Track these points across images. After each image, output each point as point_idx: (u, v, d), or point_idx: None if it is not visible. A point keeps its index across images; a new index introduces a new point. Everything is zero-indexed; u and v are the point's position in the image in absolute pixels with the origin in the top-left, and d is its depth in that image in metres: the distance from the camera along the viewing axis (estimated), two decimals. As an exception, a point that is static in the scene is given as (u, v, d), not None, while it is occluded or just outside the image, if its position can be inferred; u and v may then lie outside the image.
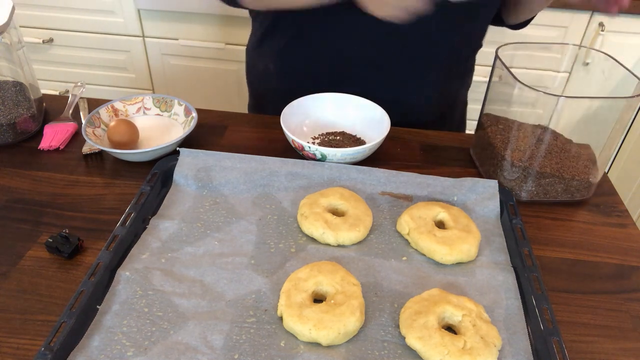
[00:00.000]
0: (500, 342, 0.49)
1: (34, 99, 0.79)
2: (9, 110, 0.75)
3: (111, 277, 0.55)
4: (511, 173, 0.70)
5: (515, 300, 0.55)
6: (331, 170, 0.69)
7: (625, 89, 0.66)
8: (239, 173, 0.68)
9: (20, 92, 0.78)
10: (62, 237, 0.59)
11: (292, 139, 0.71)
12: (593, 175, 0.70)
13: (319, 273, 0.54)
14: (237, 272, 0.57)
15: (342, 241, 0.61)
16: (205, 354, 0.48)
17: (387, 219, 0.65)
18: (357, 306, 0.51)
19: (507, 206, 0.66)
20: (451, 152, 0.80)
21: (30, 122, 0.78)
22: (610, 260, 0.63)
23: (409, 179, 0.69)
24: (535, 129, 0.68)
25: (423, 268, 0.59)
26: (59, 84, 1.75)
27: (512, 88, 0.66)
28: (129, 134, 0.74)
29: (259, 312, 0.53)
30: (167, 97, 0.82)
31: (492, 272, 0.58)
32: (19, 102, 0.77)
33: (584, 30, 1.50)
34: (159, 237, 0.60)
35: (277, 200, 0.67)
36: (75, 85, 0.88)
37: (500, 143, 0.71)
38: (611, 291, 0.59)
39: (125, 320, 0.51)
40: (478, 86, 1.64)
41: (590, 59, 0.72)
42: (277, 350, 0.49)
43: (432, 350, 0.48)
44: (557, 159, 0.70)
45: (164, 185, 0.68)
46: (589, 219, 0.69)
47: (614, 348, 0.53)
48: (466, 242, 0.59)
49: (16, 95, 0.77)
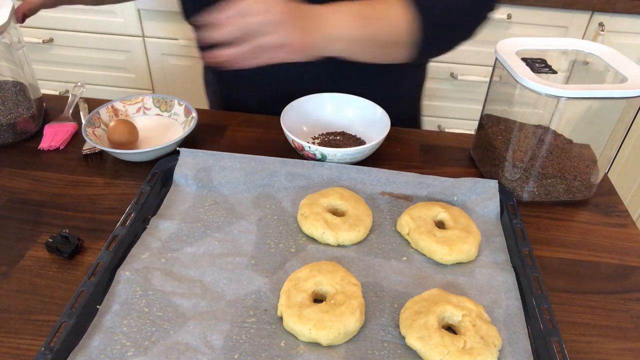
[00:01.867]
0: (500, 342, 0.49)
1: (34, 99, 0.79)
2: (8, 110, 0.76)
3: (111, 277, 0.55)
4: (512, 174, 0.70)
5: (515, 300, 0.55)
6: (331, 170, 0.69)
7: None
8: (239, 173, 0.68)
9: (20, 92, 0.78)
10: (62, 237, 0.59)
11: (292, 139, 0.71)
12: (594, 176, 0.70)
13: (319, 273, 0.54)
14: (237, 272, 0.57)
15: (342, 241, 0.61)
16: (205, 354, 0.48)
17: (387, 219, 0.65)
18: (357, 306, 0.51)
19: (507, 206, 0.66)
20: (451, 152, 0.80)
21: (30, 122, 0.78)
22: (610, 260, 0.63)
23: (409, 179, 0.69)
24: (536, 129, 0.68)
25: (423, 268, 0.59)
26: (59, 84, 1.75)
27: (513, 88, 0.66)
28: (128, 134, 0.74)
29: (259, 312, 0.53)
30: (167, 97, 0.82)
31: (492, 272, 0.58)
32: (19, 102, 0.77)
33: (584, 30, 1.50)
34: (159, 237, 0.60)
35: (277, 200, 0.67)
36: (75, 85, 0.88)
37: (501, 144, 0.71)
38: (611, 291, 0.59)
39: (125, 320, 0.51)
40: (478, 86, 1.65)
41: (591, 59, 0.72)
42: (277, 350, 0.49)
43: (432, 350, 0.48)
44: (558, 159, 0.70)
45: (164, 185, 0.68)
46: (589, 219, 0.69)
47: (614, 348, 0.53)
48: (466, 242, 0.59)
49: (16, 95, 0.77)
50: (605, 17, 1.46)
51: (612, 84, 0.67)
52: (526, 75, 0.63)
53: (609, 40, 1.50)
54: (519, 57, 0.68)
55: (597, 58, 0.70)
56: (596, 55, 0.70)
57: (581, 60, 0.73)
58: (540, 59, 0.69)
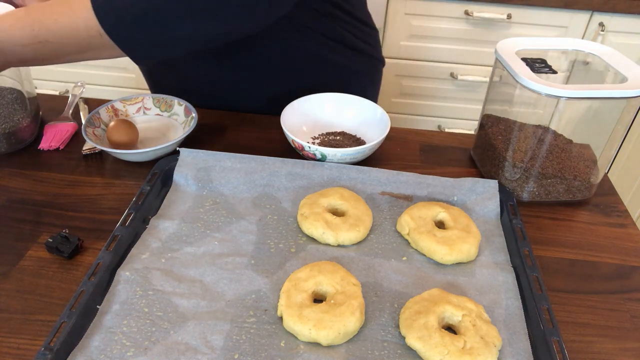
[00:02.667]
0: (500, 342, 0.49)
1: (30, 108, 0.77)
2: (4, 120, 0.73)
3: (111, 277, 0.55)
4: (512, 174, 0.70)
5: (515, 300, 0.55)
6: (331, 170, 0.69)
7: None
8: (239, 173, 0.68)
9: (17, 101, 0.75)
10: (62, 237, 0.59)
11: (292, 139, 0.71)
12: (594, 176, 0.70)
13: (319, 273, 0.54)
14: (237, 272, 0.57)
15: (342, 241, 0.61)
16: (205, 354, 0.48)
17: (387, 219, 0.65)
18: (357, 306, 0.51)
19: (507, 206, 0.66)
20: (451, 152, 0.80)
21: (26, 131, 0.76)
22: (610, 260, 0.63)
23: (409, 179, 0.69)
24: (536, 129, 0.68)
25: (423, 268, 0.59)
26: (59, 84, 1.75)
27: (513, 88, 0.66)
28: (128, 134, 0.74)
29: (259, 312, 0.53)
30: (167, 97, 0.82)
31: (492, 272, 0.58)
32: (15, 111, 0.75)
33: (584, 30, 1.50)
34: (159, 237, 0.60)
35: (277, 200, 0.67)
36: (75, 85, 0.88)
37: (501, 144, 0.71)
38: (611, 291, 0.59)
39: (125, 320, 0.51)
40: (478, 86, 1.65)
41: (591, 59, 0.72)
42: (277, 350, 0.49)
43: (432, 350, 0.48)
44: (558, 159, 0.70)
45: (164, 185, 0.68)
46: (588, 219, 0.69)
47: (614, 348, 0.53)
48: (466, 242, 0.59)
49: (12, 103, 0.75)
50: (605, 17, 1.46)
51: (612, 84, 0.67)
52: (526, 75, 0.63)
53: (609, 40, 1.50)
54: (519, 57, 0.68)
55: (597, 58, 0.70)
56: (596, 55, 0.70)
57: (581, 60, 0.73)
58: (540, 59, 0.69)
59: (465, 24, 1.54)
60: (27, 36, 0.61)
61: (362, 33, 0.91)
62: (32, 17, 0.61)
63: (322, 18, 0.83)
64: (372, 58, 0.95)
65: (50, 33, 0.61)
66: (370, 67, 0.96)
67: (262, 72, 0.85)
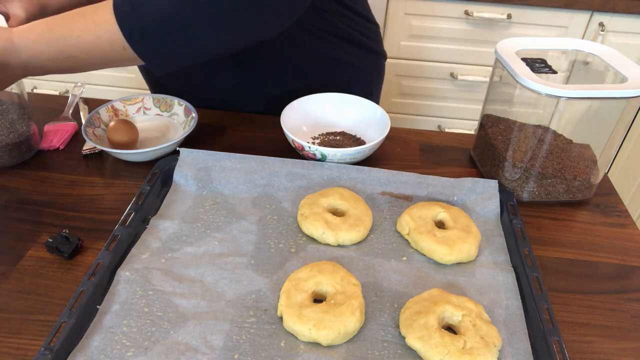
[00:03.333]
0: (500, 342, 0.49)
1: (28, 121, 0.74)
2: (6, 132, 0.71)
3: (111, 277, 0.55)
4: (512, 174, 0.70)
5: (515, 300, 0.55)
6: (331, 170, 0.69)
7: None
8: (239, 173, 0.68)
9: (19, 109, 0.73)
10: (62, 237, 0.59)
11: (292, 139, 0.71)
12: (594, 176, 0.70)
13: (319, 273, 0.54)
14: (237, 272, 0.57)
15: (342, 241, 0.61)
16: (205, 354, 0.48)
17: (387, 219, 0.65)
18: (357, 306, 0.51)
19: (507, 206, 0.66)
20: (451, 152, 0.80)
21: (33, 138, 0.75)
22: (610, 260, 0.63)
23: (409, 179, 0.69)
24: (536, 129, 0.68)
25: (423, 268, 0.59)
26: (59, 84, 1.75)
27: (513, 88, 0.66)
28: (128, 134, 0.74)
29: (259, 312, 0.53)
30: (167, 97, 0.82)
31: (492, 272, 0.58)
32: (15, 121, 0.72)
33: (584, 30, 1.50)
34: (159, 237, 0.60)
35: (277, 200, 0.67)
36: (75, 85, 0.88)
37: (501, 144, 0.71)
38: (611, 291, 0.59)
39: (125, 320, 0.51)
40: (478, 86, 1.65)
41: (591, 59, 0.72)
42: (277, 350, 0.49)
43: (432, 350, 0.48)
44: (558, 159, 0.70)
45: (164, 185, 0.68)
46: (588, 219, 0.69)
47: (614, 348, 0.53)
48: (466, 242, 0.59)
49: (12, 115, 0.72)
50: (605, 17, 1.46)
51: (612, 84, 0.67)
52: (526, 75, 0.63)
53: (609, 40, 1.50)
54: (519, 57, 0.68)
55: (597, 58, 0.70)
56: (596, 55, 0.70)
57: (581, 60, 0.73)
58: (540, 59, 0.69)
59: (465, 24, 1.54)
60: (52, 52, 0.63)
61: (363, 28, 0.91)
62: (57, 34, 0.62)
63: (322, 13, 0.83)
64: (374, 52, 0.95)
65: (75, 49, 0.62)
66: (372, 62, 0.96)
67: (263, 72, 0.85)
